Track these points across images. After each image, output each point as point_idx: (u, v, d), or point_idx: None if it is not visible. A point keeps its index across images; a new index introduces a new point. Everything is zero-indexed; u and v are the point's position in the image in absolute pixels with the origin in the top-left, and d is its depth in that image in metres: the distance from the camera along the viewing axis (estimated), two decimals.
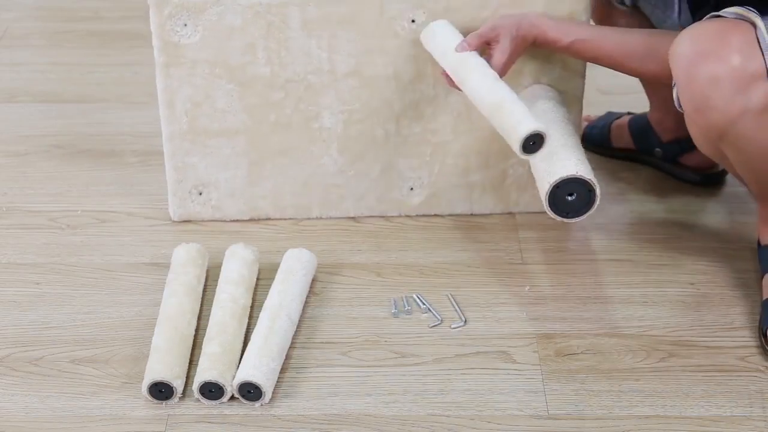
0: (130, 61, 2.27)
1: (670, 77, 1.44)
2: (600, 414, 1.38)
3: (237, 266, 1.56)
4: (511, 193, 1.74)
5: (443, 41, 1.54)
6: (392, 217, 1.75)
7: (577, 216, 1.46)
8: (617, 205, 1.79)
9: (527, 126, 1.42)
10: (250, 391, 1.38)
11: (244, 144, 1.67)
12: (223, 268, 1.57)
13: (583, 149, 1.52)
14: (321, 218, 1.74)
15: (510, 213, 1.75)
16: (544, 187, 1.44)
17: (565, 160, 1.45)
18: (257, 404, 1.39)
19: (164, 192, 1.76)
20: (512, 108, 1.44)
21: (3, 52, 2.33)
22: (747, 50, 1.34)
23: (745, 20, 1.36)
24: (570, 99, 1.67)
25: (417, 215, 1.75)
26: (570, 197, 1.44)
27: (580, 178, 1.42)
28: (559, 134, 1.51)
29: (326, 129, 1.66)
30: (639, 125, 1.87)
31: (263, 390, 1.38)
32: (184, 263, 1.57)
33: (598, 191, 1.43)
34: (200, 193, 1.71)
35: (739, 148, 1.41)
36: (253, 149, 1.68)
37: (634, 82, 1.81)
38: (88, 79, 2.21)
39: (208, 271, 1.61)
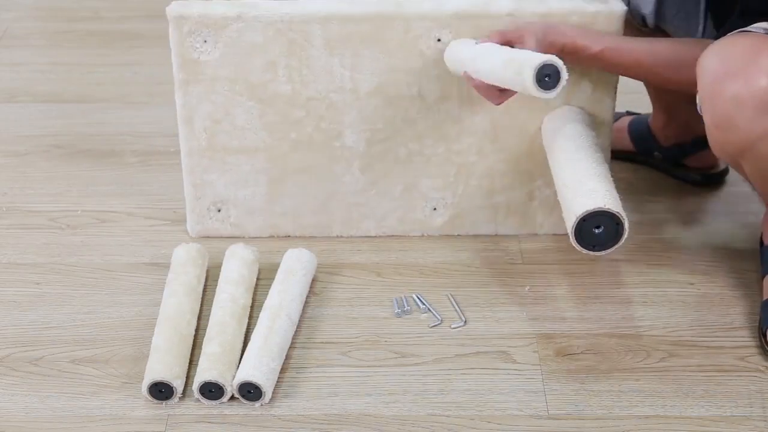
0: (130, 61, 2.27)
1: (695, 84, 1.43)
2: (600, 414, 1.38)
3: (237, 266, 1.56)
4: (537, 215, 1.70)
5: (465, 47, 1.51)
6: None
7: (604, 249, 1.40)
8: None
9: (541, 57, 1.35)
10: (250, 391, 1.38)
11: (264, 161, 1.64)
12: (223, 268, 1.57)
13: (611, 178, 1.47)
14: (342, 237, 1.71)
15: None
16: (570, 219, 1.40)
17: (592, 191, 1.41)
18: (257, 404, 1.39)
19: (164, 192, 1.77)
20: (524, 54, 1.39)
21: (3, 52, 2.33)
22: None
23: None
24: (599, 121, 1.63)
25: (440, 235, 1.71)
26: (597, 230, 1.39)
27: (608, 211, 1.38)
28: (588, 161, 1.47)
29: (348, 147, 1.63)
30: (639, 130, 1.86)
31: (263, 390, 1.38)
32: (184, 263, 1.57)
33: (626, 225, 1.39)
34: (219, 210, 1.68)
35: (757, 166, 1.39)
36: (273, 167, 1.65)
37: (634, 82, 1.81)
38: (88, 79, 2.21)
39: (208, 271, 1.61)
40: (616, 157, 1.88)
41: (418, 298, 1.57)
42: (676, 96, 1.71)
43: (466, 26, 1.54)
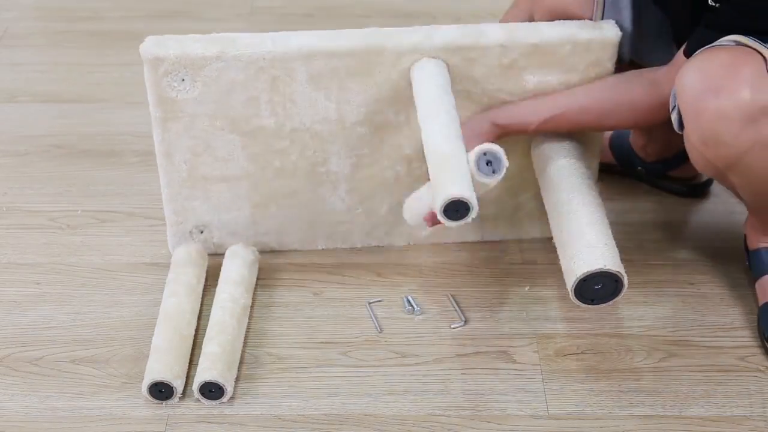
0: (130, 61, 2.26)
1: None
2: (600, 414, 1.38)
3: (237, 266, 1.56)
4: (524, 223, 1.68)
5: (433, 78, 1.46)
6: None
7: (603, 302, 1.40)
8: (617, 205, 1.78)
9: (456, 190, 1.32)
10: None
11: (247, 188, 1.60)
12: (223, 268, 1.57)
13: (607, 222, 1.45)
14: (326, 249, 1.69)
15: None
16: (570, 278, 1.39)
17: (592, 246, 1.39)
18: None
19: None
20: (455, 165, 1.35)
21: (3, 52, 2.33)
22: (757, 83, 1.28)
23: (752, 49, 1.31)
24: (588, 146, 1.59)
25: (426, 244, 1.69)
26: (596, 287, 1.38)
27: (608, 272, 1.37)
28: (584, 207, 1.44)
29: (334, 172, 1.60)
30: (620, 146, 1.82)
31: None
32: (184, 263, 1.57)
33: (625, 281, 1.38)
34: (201, 232, 1.64)
35: (746, 178, 1.38)
36: (257, 193, 1.61)
37: None
38: (88, 79, 2.21)
39: (208, 271, 1.61)
40: (599, 169, 1.86)
41: (411, 299, 1.57)
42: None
43: (455, 58, 1.49)
